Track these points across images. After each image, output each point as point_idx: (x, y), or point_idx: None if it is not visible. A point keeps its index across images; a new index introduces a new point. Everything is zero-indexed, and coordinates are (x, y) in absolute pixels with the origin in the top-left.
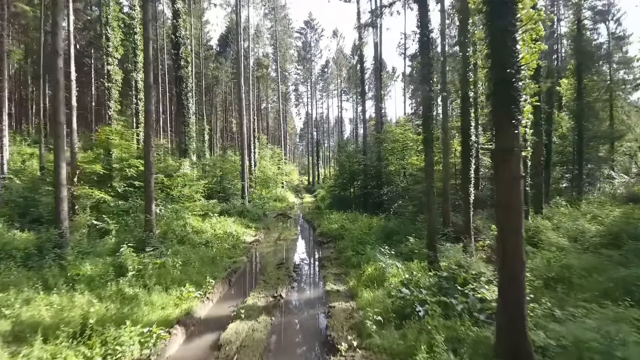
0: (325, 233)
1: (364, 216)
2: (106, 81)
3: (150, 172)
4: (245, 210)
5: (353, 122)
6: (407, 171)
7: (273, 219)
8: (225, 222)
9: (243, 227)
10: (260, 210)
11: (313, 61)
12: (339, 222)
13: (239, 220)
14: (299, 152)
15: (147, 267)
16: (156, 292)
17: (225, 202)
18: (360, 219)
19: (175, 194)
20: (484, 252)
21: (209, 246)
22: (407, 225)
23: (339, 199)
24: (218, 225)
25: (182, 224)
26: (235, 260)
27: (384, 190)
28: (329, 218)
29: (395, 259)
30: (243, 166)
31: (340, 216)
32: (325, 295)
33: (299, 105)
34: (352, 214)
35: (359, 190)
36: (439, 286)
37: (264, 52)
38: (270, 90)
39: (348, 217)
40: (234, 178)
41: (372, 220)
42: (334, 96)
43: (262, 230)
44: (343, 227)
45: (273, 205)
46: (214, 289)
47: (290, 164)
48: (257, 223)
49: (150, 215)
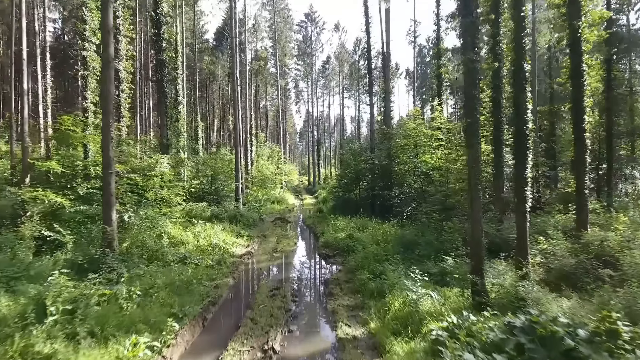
0: (330, 244)
1: (373, 222)
2: (81, 69)
3: (110, 171)
4: (239, 214)
5: (355, 120)
6: (419, 170)
7: (270, 223)
8: (212, 229)
9: (233, 236)
10: (255, 214)
11: (314, 56)
12: (346, 229)
13: (230, 226)
14: (299, 152)
15: (86, 303)
16: (86, 347)
17: (217, 205)
18: (370, 226)
19: (151, 197)
20: (536, 273)
21: (188, 263)
22: (428, 234)
23: (343, 202)
24: (203, 234)
25: (157, 233)
26: (218, 284)
27: (394, 192)
28: (333, 224)
29: (426, 284)
30: (237, 165)
31: (347, 222)
32: (337, 347)
33: (299, 103)
34: (359, 219)
35: (366, 191)
36: (518, 347)
37: (263, 46)
38: (269, 86)
39: (355, 223)
40: (227, 178)
41: (383, 227)
42: (335, 93)
43: (257, 239)
44: (351, 237)
45: (271, 207)
46: (177, 336)
47: (289, 164)
48: (251, 230)
49: (109, 226)
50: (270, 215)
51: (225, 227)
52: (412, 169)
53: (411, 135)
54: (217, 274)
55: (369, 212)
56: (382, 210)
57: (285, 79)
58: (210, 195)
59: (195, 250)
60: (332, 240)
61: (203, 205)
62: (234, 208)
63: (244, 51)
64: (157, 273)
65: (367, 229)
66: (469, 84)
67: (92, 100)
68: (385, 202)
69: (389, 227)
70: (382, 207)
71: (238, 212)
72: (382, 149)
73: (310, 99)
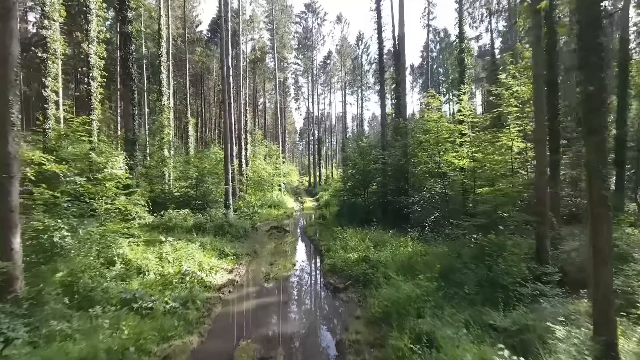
0: (339, 269)
1: (389, 234)
2: (40, 51)
3: (9, 175)
4: (227, 223)
5: (357, 119)
6: (441, 171)
7: (265, 234)
8: (186, 249)
9: (215, 256)
10: (248, 222)
11: (315, 48)
12: (359, 247)
13: (213, 241)
14: (299, 152)
15: None
16: None
17: (203, 211)
18: (388, 241)
19: (101, 207)
20: None
21: (137, 307)
22: (467, 256)
23: (350, 207)
24: (173, 256)
25: (104, 259)
26: (171, 351)
27: (414, 198)
28: (341, 238)
29: None
30: (227, 165)
31: (357, 235)
32: None
33: (299, 101)
34: (372, 231)
35: (375, 195)
36: None
37: (260, 36)
38: (268, 82)
39: (369, 237)
40: (218, 180)
41: (405, 243)
42: (336, 90)
43: (245, 257)
44: (367, 259)
45: (267, 213)
46: None
47: (289, 164)
48: (240, 244)
49: (7, 259)
50: (265, 222)
51: (207, 242)
52: (433, 169)
53: (432, 130)
54: (177, 327)
55: (380, 220)
56: (396, 219)
57: (284, 73)
58: (195, 201)
59: (155, 283)
60: (342, 264)
61: (185, 212)
62: (222, 216)
63: (239, 43)
64: (75, 335)
65: (385, 245)
66: (589, 23)
67: (51, 88)
68: (402, 209)
69: (412, 244)
70: (396, 215)
71: (226, 221)
72: (396, 146)
73: (310, 96)
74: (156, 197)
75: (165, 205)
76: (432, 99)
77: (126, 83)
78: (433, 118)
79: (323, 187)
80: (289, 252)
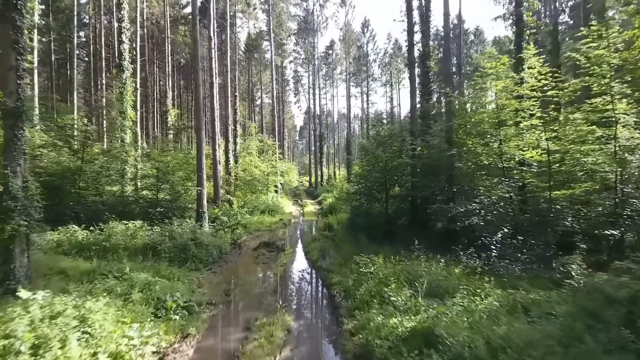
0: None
1: (440, 265)
2: None
3: None
4: (194, 242)
5: (364, 113)
6: (507, 165)
7: (250, 254)
8: (81, 308)
9: (145, 317)
10: (226, 237)
11: (317, 32)
12: (402, 295)
13: (164, 274)
14: (298, 151)
15: None
16: None
17: (165, 222)
18: (449, 282)
19: None
20: None
21: None
22: None
23: (366, 215)
24: (32, 339)
25: None
26: None
27: (469, 205)
28: (366, 274)
29: None
30: (200, 161)
31: (391, 268)
32: None
33: (299, 95)
34: (413, 259)
35: (404, 201)
36: None
37: (255, 17)
38: (264, 74)
39: (407, 268)
40: (189, 182)
41: (479, 285)
42: (339, 84)
43: (203, 314)
44: (432, 336)
45: (257, 221)
46: None
47: (287, 162)
48: (206, 277)
49: None
50: (255, 235)
51: (142, 282)
52: (495, 164)
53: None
54: None
55: (407, 234)
56: (436, 236)
57: (282, 58)
58: (155, 208)
59: None
60: (381, 346)
61: (135, 225)
62: (190, 230)
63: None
64: None
65: (446, 291)
66: None
67: None
68: (447, 223)
69: (495, 290)
70: (435, 230)
71: (193, 239)
72: (433, 132)
73: (311, 88)
74: (102, 203)
75: (121, 213)
76: (491, 63)
77: (5, 15)
78: (497, 86)
79: (325, 188)
80: (282, 295)
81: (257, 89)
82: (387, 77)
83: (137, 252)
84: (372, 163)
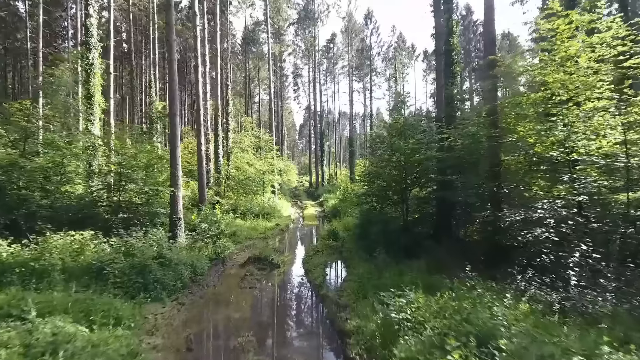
0: None
1: (505, 302)
2: None
3: None
4: (158, 262)
5: (366, 109)
6: (572, 158)
7: (234, 275)
8: None
9: None
10: (210, 249)
11: (319, 20)
12: None
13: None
14: (298, 151)
15: None
16: None
17: (127, 232)
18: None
19: None
20: None
21: None
22: None
23: (379, 223)
24: None
25: None
26: None
27: (535, 212)
28: (397, 318)
29: None
30: (174, 155)
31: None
32: None
33: (299, 91)
34: (454, 289)
35: (425, 206)
36: None
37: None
38: (262, 69)
39: (456, 305)
40: (160, 180)
41: None
42: (340, 80)
43: None
44: None
45: (250, 227)
46: None
47: (286, 160)
48: (168, 308)
49: None
50: (244, 245)
51: (48, 347)
52: (562, 157)
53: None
54: None
55: (441, 250)
56: (472, 251)
57: (280, 46)
58: (117, 215)
59: None
60: None
61: (84, 238)
62: (157, 243)
63: None
64: None
65: None
66: None
67: None
68: (493, 235)
69: None
70: (471, 243)
71: (158, 257)
72: (470, 118)
73: (311, 83)
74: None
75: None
76: (558, 20)
77: None
78: (569, 50)
79: (327, 188)
80: (271, 351)
81: (254, 85)
82: (391, 71)
83: (79, 275)
84: (387, 158)
